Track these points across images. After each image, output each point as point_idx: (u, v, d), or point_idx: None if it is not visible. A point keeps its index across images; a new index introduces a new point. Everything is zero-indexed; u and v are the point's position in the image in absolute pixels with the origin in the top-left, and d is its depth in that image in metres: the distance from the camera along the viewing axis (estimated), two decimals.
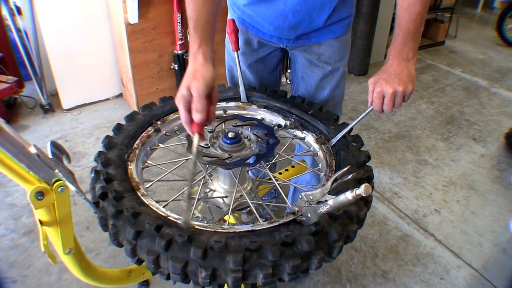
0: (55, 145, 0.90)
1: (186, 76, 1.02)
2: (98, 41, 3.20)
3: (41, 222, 0.89)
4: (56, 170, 0.83)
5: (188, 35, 1.19)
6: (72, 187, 0.85)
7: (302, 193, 0.94)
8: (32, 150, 0.79)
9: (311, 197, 0.92)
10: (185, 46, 3.08)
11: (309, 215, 0.92)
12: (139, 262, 0.93)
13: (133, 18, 2.78)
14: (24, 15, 2.97)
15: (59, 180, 0.83)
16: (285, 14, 1.37)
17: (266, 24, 1.45)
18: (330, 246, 0.95)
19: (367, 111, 1.22)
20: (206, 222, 1.15)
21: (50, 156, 0.86)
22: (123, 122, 1.31)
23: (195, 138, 1.00)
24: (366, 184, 0.76)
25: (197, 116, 0.98)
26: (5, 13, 2.93)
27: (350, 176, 0.88)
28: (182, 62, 3.12)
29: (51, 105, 3.22)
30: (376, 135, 3.27)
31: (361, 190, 0.76)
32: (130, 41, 2.90)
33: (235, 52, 1.46)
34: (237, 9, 1.53)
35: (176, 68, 3.14)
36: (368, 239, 2.26)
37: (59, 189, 0.84)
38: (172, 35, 3.04)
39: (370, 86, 1.15)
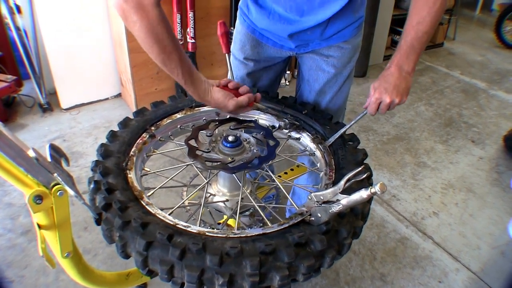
0: (54, 148, 0.89)
1: (221, 107, 1.23)
2: (97, 41, 3.19)
3: (39, 226, 0.88)
4: (55, 174, 0.83)
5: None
6: (71, 191, 0.84)
7: (312, 194, 0.95)
8: (31, 153, 0.79)
9: (322, 197, 0.92)
10: (184, 46, 3.07)
11: (319, 215, 0.93)
12: (150, 273, 0.91)
13: None
14: (24, 14, 2.96)
15: (58, 184, 0.83)
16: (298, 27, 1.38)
17: (278, 34, 1.46)
18: (340, 243, 0.96)
19: (363, 113, 1.30)
20: (209, 227, 1.14)
21: (49, 159, 0.85)
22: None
23: (259, 105, 1.36)
24: (381, 182, 0.77)
25: (248, 102, 1.26)
26: (4, 11, 2.92)
27: (364, 176, 0.89)
28: None
29: (50, 104, 3.21)
30: (375, 137, 3.27)
31: (377, 188, 0.77)
32: (129, 41, 2.89)
33: (226, 55, 1.47)
34: (247, 18, 1.52)
35: None
36: (367, 241, 2.26)
37: (58, 193, 0.83)
38: None
39: (371, 91, 1.23)
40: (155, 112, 1.38)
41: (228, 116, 1.39)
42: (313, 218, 0.95)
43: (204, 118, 1.44)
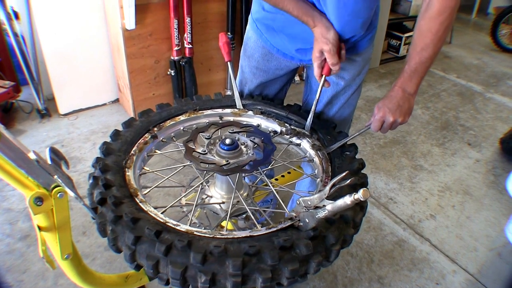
0: (53, 151, 0.91)
1: (316, 41, 1.29)
2: (95, 46, 3.20)
3: (39, 228, 0.89)
4: (55, 176, 0.84)
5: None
6: (71, 193, 0.85)
7: (300, 199, 0.95)
8: (32, 156, 0.80)
9: (309, 203, 0.93)
10: (181, 52, 3.09)
11: (307, 220, 0.93)
12: (138, 267, 0.93)
13: (130, 24, 2.79)
14: (22, 20, 2.97)
15: (58, 185, 0.84)
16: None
17: (291, 46, 1.47)
18: (328, 250, 0.96)
19: (366, 128, 1.35)
20: (203, 228, 1.16)
21: (49, 162, 0.86)
22: (119, 127, 1.32)
23: (322, 80, 1.36)
24: (365, 188, 0.77)
25: (334, 68, 1.30)
26: (2, 17, 2.93)
27: (348, 181, 0.89)
28: (178, 68, 3.12)
29: (48, 110, 3.22)
30: (372, 140, 3.28)
31: (360, 194, 0.77)
32: (127, 47, 2.91)
33: (228, 62, 1.49)
34: (260, 26, 1.54)
35: (173, 74, 3.14)
36: (364, 244, 2.27)
37: (58, 195, 0.84)
38: (168, 41, 3.05)
39: (375, 110, 1.28)
40: (159, 113, 1.40)
41: (231, 119, 1.40)
42: (301, 224, 0.96)
43: (207, 121, 1.46)
